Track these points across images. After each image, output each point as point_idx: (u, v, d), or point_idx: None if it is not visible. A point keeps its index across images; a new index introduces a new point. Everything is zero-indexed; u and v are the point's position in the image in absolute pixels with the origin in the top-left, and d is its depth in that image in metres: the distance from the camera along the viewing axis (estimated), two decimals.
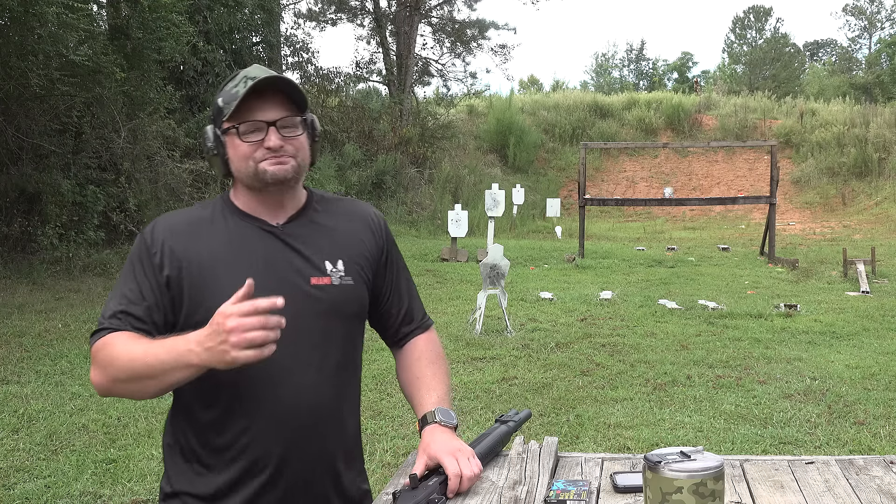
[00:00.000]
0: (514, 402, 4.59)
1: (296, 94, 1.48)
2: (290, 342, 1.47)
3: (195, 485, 1.50)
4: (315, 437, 1.51)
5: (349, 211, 1.63)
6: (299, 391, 1.48)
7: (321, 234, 1.55)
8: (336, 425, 1.56)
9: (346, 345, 1.56)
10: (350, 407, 1.61)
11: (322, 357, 1.51)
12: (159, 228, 1.50)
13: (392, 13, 23.08)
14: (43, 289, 8.34)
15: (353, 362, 1.61)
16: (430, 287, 9.13)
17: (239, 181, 1.52)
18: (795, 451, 3.73)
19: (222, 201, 1.56)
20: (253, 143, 1.45)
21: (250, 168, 1.46)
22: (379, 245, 1.63)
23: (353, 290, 1.55)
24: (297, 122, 1.48)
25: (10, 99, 9.17)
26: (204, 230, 1.50)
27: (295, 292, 1.48)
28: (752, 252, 12.87)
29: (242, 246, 1.49)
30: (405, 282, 1.70)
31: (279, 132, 1.45)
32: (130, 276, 1.47)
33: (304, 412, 1.48)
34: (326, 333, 1.51)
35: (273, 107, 1.45)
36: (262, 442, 1.47)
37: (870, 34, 46.77)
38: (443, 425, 1.50)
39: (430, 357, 1.66)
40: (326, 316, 1.51)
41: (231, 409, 1.47)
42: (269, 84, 1.44)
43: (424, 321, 1.71)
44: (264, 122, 1.45)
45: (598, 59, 60.88)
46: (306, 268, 1.51)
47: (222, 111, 1.47)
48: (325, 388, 1.51)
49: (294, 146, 1.47)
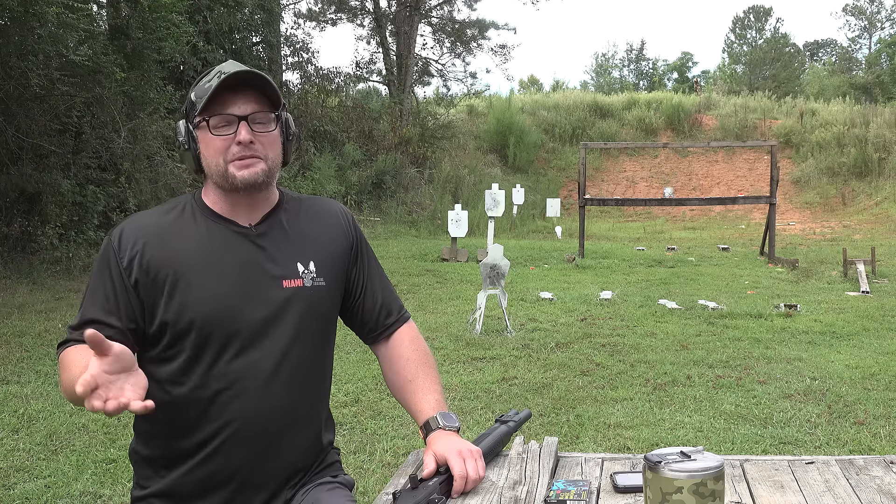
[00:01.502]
0: (514, 402, 4.59)
1: (269, 90, 1.45)
2: (262, 345, 1.47)
3: (164, 486, 1.50)
4: (285, 438, 1.50)
5: (318, 209, 1.62)
6: (270, 393, 1.47)
7: (293, 235, 1.54)
8: (306, 426, 1.55)
9: (317, 346, 1.56)
10: (320, 406, 1.60)
11: (293, 359, 1.50)
12: (127, 232, 1.46)
13: (392, 13, 23.08)
14: (43, 289, 8.34)
15: (324, 363, 1.60)
16: (430, 287, 9.13)
17: (210, 179, 1.50)
18: (795, 451, 3.73)
19: (193, 201, 1.53)
20: (224, 137, 1.43)
21: (220, 167, 1.44)
22: (349, 241, 1.63)
23: (325, 292, 1.55)
24: (269, 118, 1.46)
25: (10, 99, 9.17)
26: (174, 233, 1.47)
27: (267, 295, 1.47)
28: (752, 252, 12.87)
29: (214, 249, 1.47)
30: (378, 276, 1.68)
31: (250, 127, 1.43)
32: (98, 283, 1.45)
33: (275, 415, 1.48)
34: (298, 335, 1.50)
35: (246, 102, 1.44)
36: (229, 446, 1.46)
37: (870, 34, 46.77)
38: (447, 430, 1.50)
39: (420, 357, 1.65)
40: (299, 318, 1.50)
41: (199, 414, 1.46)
42: (242, 79, 1.43)
43: (402, 313, 1.70)
44: (235, 117, 1.42)
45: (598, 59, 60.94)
46: (278, 270, 1.50)
47: (194, 105, 1.45)
48: (296, 389, 1.51)
49: (264, 143, 1.45)
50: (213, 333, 1.44)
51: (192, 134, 1.47)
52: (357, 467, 3.54)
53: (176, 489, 1.49)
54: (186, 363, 1.45)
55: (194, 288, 1.44)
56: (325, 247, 1.58)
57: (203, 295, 1.44)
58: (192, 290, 1.44)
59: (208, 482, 1.47)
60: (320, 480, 1.57)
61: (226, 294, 1.45)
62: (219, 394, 1.45)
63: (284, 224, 1.54)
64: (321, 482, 1.56)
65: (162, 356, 1.47)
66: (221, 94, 1.42)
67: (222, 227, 1.49)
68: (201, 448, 1.46)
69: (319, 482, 1.56)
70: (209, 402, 1.45)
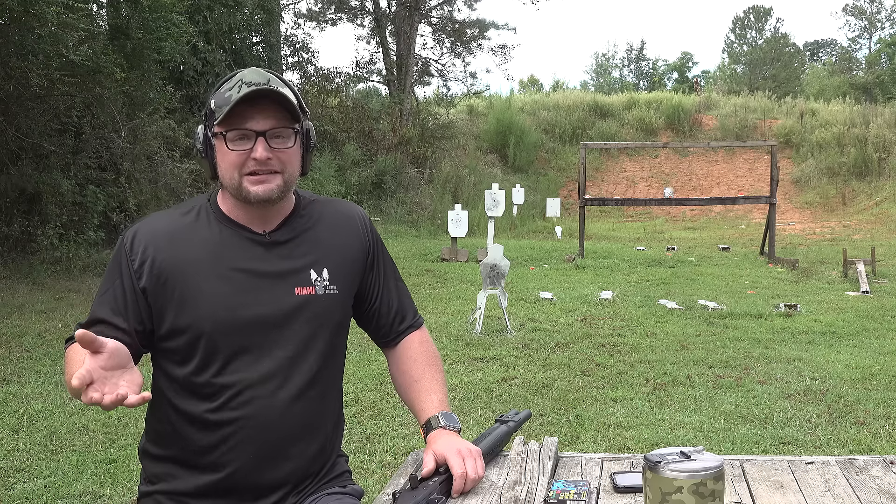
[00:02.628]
0: (514, 402, 4.59)
1: (290, 104, 1.42)
2: (272, 352, 1.47)
3: (171, 484, 1.51)
4: (293, 445, 1.50)
5: (335, 214, 1.61)
6: (280, 400, 1.47)
7: (307, 241, 1.53)
8: (315, 433, 1.55)
9: (328, 353, 1.55)
10: (330, 412, 1.59)
11: (304, 366, 1.50)
12: (140, 236, 1.46)
13: (392, 13, 23.08)
14: (43, 289, 8.34)
15: (335, 370, 1.59)
16: (430, 287, 9.13)
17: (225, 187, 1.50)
18: (795, 451, 3.73)
19: (208, 204, 1.52)
20: (240, 153, 1.41)
21: (235, 181, 1.43)
22: (365, 246, 1.62)
23: (337, 300, 1.54)
24: (289, 133, 1.44)
25: (10, 99, 9.17)
26: (187, 237, 1.47)
27: (279, 303, 1.47)
28: (752, 252, 12.87)
29: (226, 254, 1.46)
30: (394, 281, 1.68)
31: (268, 143, 1.41)
32: (108, 283, 1.46)
33: (283, 421, 1.48)
34: (309, 343, 1.50)
35: (265, 116, 1.41)
36: (237, 450, 1.46)
37: (870, 34, 46.76)
38: (448, 429, 1.50)
39: (427, 358, 1.65)
40: (310, 326, 1.50)
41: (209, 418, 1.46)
42: (262, 93, 1.40)
43: (416, 319, 1.70)
44: (253, 132, 1.40)
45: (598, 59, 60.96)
46: (291, 278, 1.49)
47: (213, 114, 1.43)
48: (305, 396, 1.50)
49: (282, 159, 1.43)
50: (223, 339, 1.44)
51: (209, 141, 1.45)
52: (357, 467, 3.54)
53: (183, 489, 1.49)
54: (196, 367, 1.45)
55: (205, 293, 1.44)
56: (341, 253, 1.56)
57: (214, 301, 1.44)
58: (202, 295, 1.44)
59: (216, 485, 1.48)
60: (329, 490, 1.57)
61: (236, 300, 1.45)
62: (228, 398, 1.45)
63: (299, 231, 1.53)
64: (330, 492, 1.56)
65: (173, 359, 1.47)
66: (241, 107, 1.39)
67: (236, 233, 1.49)
68: (210, 451, 1.47)
69: (329, 492, 1.56)
70: (218, 407, 1.46)
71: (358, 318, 1.67)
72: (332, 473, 1.61)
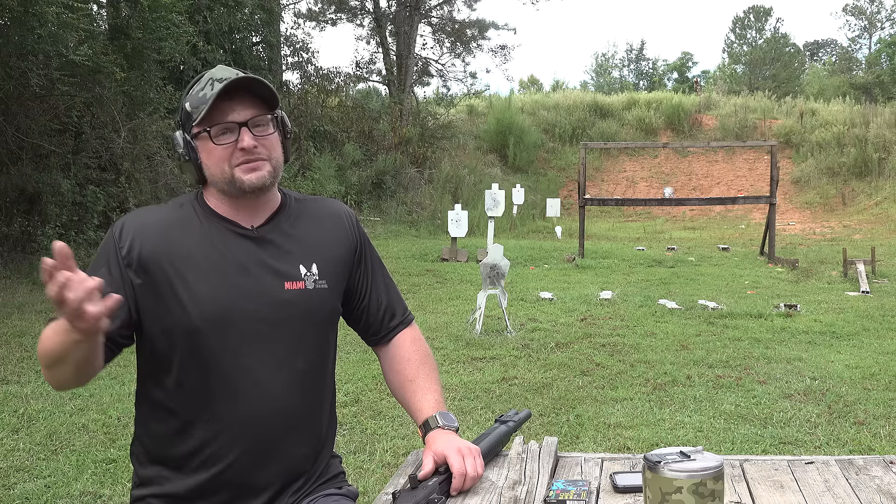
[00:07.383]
0: (514, 402, 4.59)
1: (265, 91, 1.45)
2: (261, 347, 1.46)
3: (163, 486, 1.50)
4: (283, 442, 1.49)
5: (322, 211, 1.62)
6: (269, 397, 1.47)
7: (296, 237, 1.53)
8: (306, 430, 1.54)
9: (318, 349, 1.55)
10: (321, 411, 1.59)
11: (293, 362, 1.49)
12: (129, 226, 1.46)
13: (392, 13, 23.08)
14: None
15: (325, 367, 1.59)
16: (430, 287, 9.13)
17: (213, 186, 1.49)
18: (795, 451, 3.73)
19: (195, 201, 1.52)
20: (226, 146, 1.43)
21: (226, 174, 1.44)
22: (352, 243, 1.62)
23: (326, 295, 1.54)
24: (267, 121, 1.46)
25: (10, 99, 9.17)
26: (176, 232, 1.47)
27: (269, 298, 1.47)
28: (752, 252, 12.87)
29: (215, 249, 1.47)
30: (382, 277, 1.68)
31: (251, 131, 1.43)
32: (94, 270, 1.44)
33: (274, 418, 1.47)
34: (299, 338, 1.50)
35: (243, 107, 1.44)
36: (227, 448, 1.45)
37: (870, 34, 46.78)
38: (446, 429, 1.50)
39: (421, 357, 1.65)
40: (300, 321, 1.50)
41: (197, 417, 1.45)
42: (238, 85, 1.42)
43: (406, 316, 1.70)
44: (235, 123, 1.42)
45: (598, 59, 60.97)
46: (280, 272, 1.49)
47: (191, 116, 1.44)
48: (295, 393, 1.50)
49: (267, 146, 1.46)
50: (212, 334, 1.43)
51: (190, 144, 1.46)
52: (357, 467, 3.54)
53: (175, 490, 1.48)
54: (184, 363, 1.44)
55: (193, 288, 1.43)
56: (328, 249, 1.57)
57: (202, 295, 1.44)
58: (190, 289, 1.43)
59: (207, 484, 1.47)
60: (325, 492, 1.56)
61: (225, 294, 1.44)
62: (217, 395, 1.44)
63: (287, 226, 1.54)
64: (326, 493, 1.56)
65: (160, 356, 1.46)
66: (217, 102, 1.41)
67: (224, 228, 1.49)
68: (200, 450, 1.46)
69: (324, 493, 1.56)
70: (207, 404, 1.45)
71: (347, 317, 1.66)
72: (328, 475, 1.60)
